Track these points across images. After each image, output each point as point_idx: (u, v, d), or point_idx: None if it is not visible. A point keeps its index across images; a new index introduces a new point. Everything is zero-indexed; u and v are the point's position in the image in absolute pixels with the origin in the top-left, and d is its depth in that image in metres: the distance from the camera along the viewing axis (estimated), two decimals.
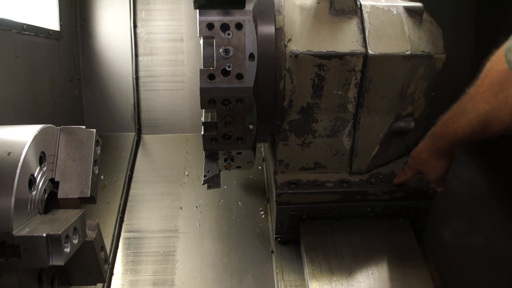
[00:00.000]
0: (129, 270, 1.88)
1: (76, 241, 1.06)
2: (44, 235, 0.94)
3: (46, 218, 1.05)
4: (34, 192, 1.04)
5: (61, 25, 2.30)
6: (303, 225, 1.83)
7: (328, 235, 1.80)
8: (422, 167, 1.65)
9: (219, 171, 1.72)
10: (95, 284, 1.35)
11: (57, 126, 1.19)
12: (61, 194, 1.15)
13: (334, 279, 1.64)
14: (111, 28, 2.53)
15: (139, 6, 2.55)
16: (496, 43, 1.16)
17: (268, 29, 1.56)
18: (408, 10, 1.64)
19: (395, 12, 1.63)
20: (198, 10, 1.46)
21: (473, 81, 1.28)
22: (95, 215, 2.05)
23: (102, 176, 2.26)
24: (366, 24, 1.60)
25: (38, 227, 0.99)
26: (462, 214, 2.14)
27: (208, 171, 1.69)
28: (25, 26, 1.88)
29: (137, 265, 1.90)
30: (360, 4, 1.63)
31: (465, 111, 1.32)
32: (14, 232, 0.94)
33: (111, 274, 1.86)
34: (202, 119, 1.63)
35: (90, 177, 1.17)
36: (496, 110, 1.20)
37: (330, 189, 1.77)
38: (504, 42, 1.13)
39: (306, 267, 1.70)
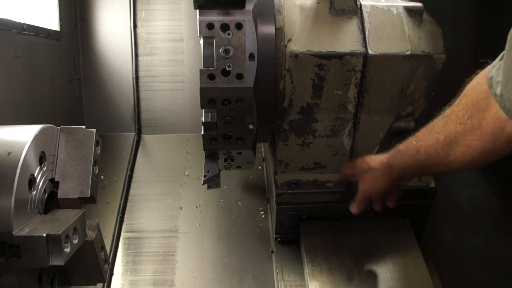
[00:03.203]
0: (129, 270, 1.88)
1: (76, 241, 1.06)
2: (44, 235, 0.94)
3: (46, 218, 1.05)
4: (34, 192, 1.04)
5: (61, 25, 2.30)
6: (303, 225, 1.83)
7: (328, 235, 1.80)
8: (363, 174, 1.54)
9: (219, 171, 1.72)
10: (95, 284, 1.35)
11: (57, 126, 1.19)
12: (61, 194, 1.15)
13: (334, 279, 1.64)
14: (111, 28, 2.53)
15: (139, 6, 2.55)
16: (495, 44, 1.14)
17: (268, 29, 1.56)
18: (408, 10, 1.64)
19: (395, 12, 1.63)
20: (198, 10, 1.46)
21: (451, 102, 1.21)
22: (95, 215, 2.05)
23: (102, 176, 2.26)
24: (366, 24, 1.60)
25: (38, 227, 0.99)
26: (462, 214, 2.14)
27: (208, 171, 1.69)
28: (25, 26, 1.87)
29: (137, 265, 1.90)
30: (360, 4, 1.63)
31: (434, 130, 1.24)
32: (14, 232, 0.94)
33: (111, 274, 1.86)
34: (202, 119, 1.63)
35: (90, 177, 1.17)
36: (467, 132, 1.11)
37: (330, 189, 1.77)
38: (488, 64, 1.07)
39: (306, 267, 1.70)
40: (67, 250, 1.00)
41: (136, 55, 2.54)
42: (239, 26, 1.45)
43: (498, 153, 1.08)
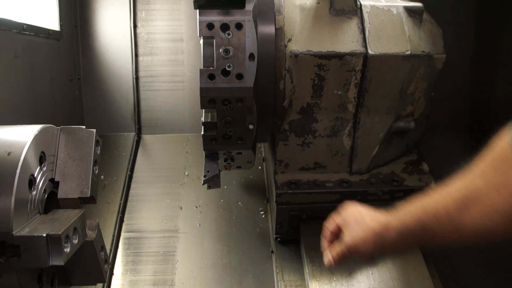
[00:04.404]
0: (129, 270, 1.88)
1: (76, 241, 1.06)
2: (44, 235, 0.94)
3: (46, 218, 1.05)
4: (34, 192, 1.04)
5: (61, 25, 2.30)
6: (303, 225, 1.83)
7: None
8: (353, 225, 1.24)
9: (219, 171, 1.72)
10: (95, 284, 1.35)
11: (57, 126, 1.19)
12: (61, 194, 1.15)
13: (334, 279, 1.64)
14: (111, 28, 2.53)
15: (139, 6, 2.55)
16: (495, 43, 1.10)
17: (268, 29, 1.56)
18: (408, 10, 1.65)
19: (395, 12, 1.63)
20: (198, 10, 1.46)
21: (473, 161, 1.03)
22: (95, 215, 2.05)
23: (102, 176, 2.26)
24: (366, 24, 1.60)
25: (38, 227, 0.99)
26: None
27: (208, 171, 1.69)
28: (25, 26, 1.87)
29: (137, 265, 1.90)
30: (360, 4, 1.63)
31: (450, 188, 1.05)
32: (14, 232, 0.94)
33: (111, 274, 1.86)
34: (202, 119, 1.63)
35: (90, 177, 1.17)
36: (489, 190, 0.96)
37: (330, 189, 1.77)
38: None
39: (306, 267, 1.70)
40: (67, 250, 1.00)
41: (136, 55, 2.54)
42: (239, 26, 1.45)
43: None
